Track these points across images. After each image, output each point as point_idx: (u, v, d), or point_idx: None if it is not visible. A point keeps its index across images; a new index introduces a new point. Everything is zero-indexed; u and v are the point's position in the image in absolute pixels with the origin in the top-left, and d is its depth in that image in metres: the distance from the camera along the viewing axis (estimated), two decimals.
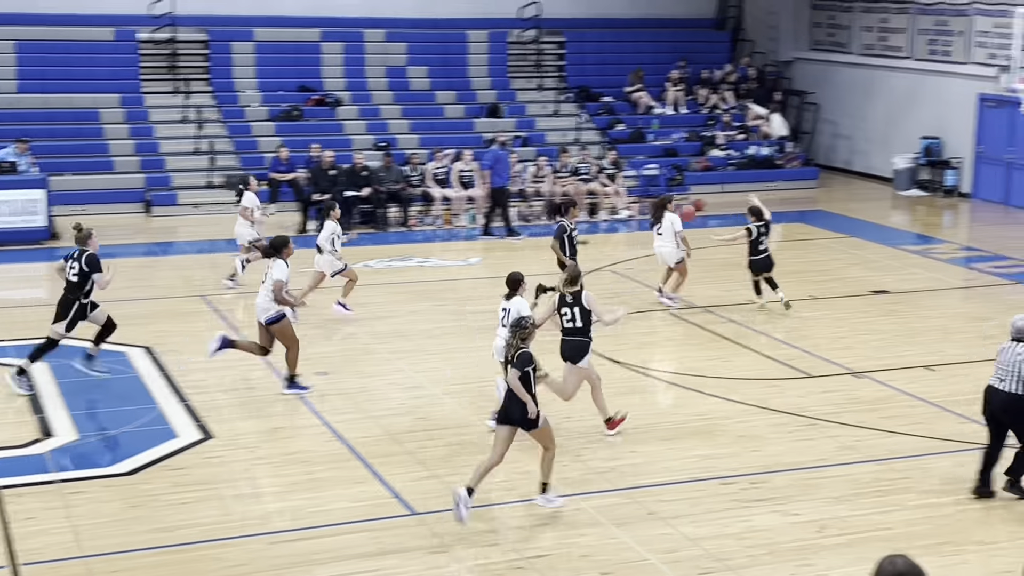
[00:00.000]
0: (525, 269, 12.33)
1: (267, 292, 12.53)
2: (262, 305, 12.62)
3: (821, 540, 9.44)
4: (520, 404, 9.65)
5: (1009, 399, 9.93)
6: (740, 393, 12.93)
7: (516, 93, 26.88)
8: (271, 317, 12.58)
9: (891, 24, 26.89)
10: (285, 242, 12.78)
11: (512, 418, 9.72)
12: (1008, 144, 24.22)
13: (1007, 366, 9.95)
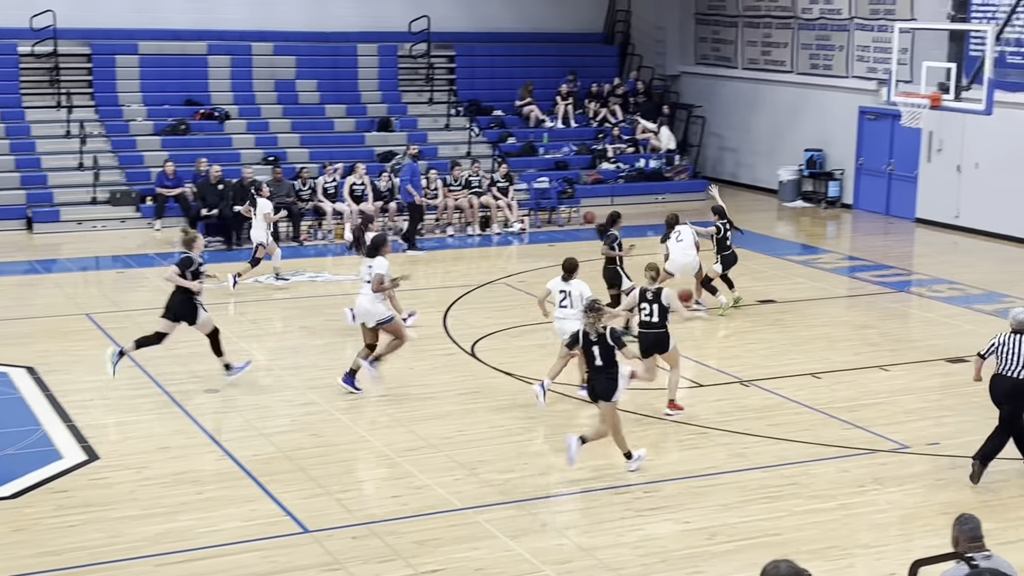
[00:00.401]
0: (422, 283, 12.31)
1: (369, 293, 13.05)
2: (370, 309, 13.12)
3: (712, 547, 9.57)
4: (603, 380, 10.75)
5: (1014, 385, 10.63)
6: (632, 403, 13.04)
7: (407, 107, 26.84)
8: (383, 319, 13.15)
9: (774, 39, 27.48)
10: (384, 240, 13.65)
11: (595, 393, 10.90)
12: (888, 156, 24.90)
13: (1010, 356, 10.63)
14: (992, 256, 21.00)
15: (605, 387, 10.80)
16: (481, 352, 15.05)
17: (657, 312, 12.44)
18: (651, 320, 12.49)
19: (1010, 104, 21.00)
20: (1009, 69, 21.70)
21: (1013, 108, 21.22)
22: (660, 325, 12.46)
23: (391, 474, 11.02)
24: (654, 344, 12.53)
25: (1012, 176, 21.97)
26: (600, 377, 10.83)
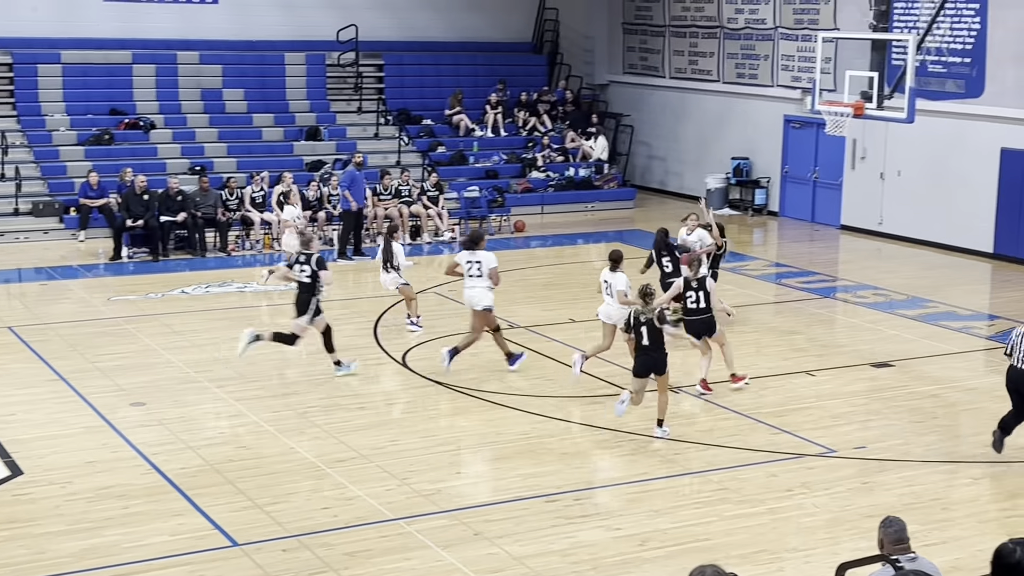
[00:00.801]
0: (354, 291, 12.25)
1: (484, 282, 14.25)
2: (479, 297, 14.26)
3: (643, 553, 9.61)
4: (655, 358, 12.11)
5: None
6: (564, 411, 13.09)
7: (336, 116, 26.72)
8: (488, 305, 14.27)
9: (700, 48, 27.75)
10: (483, 234, 14.94)
11: (647, 370, 12.22)
12: (813, 164, 25.24)
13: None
14: (915, 262, 21.36)
15: (656, 363, 12.20)
16: (412, 361, 15.01)
17: (703, 298, 13.58)
18: (698, 307, 13.61)
19: (931, 112, 21.39)
20: (930, 78, 22.12)
21: (934, 116, 21.62)
22: (707, 310, 13.61)
23: (321, 485, 10.94)
24: (703, 328, 13.73)
25: (933, 183, 22.38)
26: (648, 356, 12.18)
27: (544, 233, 24.28)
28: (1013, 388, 11.60)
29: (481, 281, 14.28)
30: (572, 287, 19.39)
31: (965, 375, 14.89)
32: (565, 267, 21.25)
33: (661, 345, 12.15)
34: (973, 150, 21.68)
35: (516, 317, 17.09)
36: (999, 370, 14.92)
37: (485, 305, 14.34)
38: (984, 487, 11.11)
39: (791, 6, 25.28)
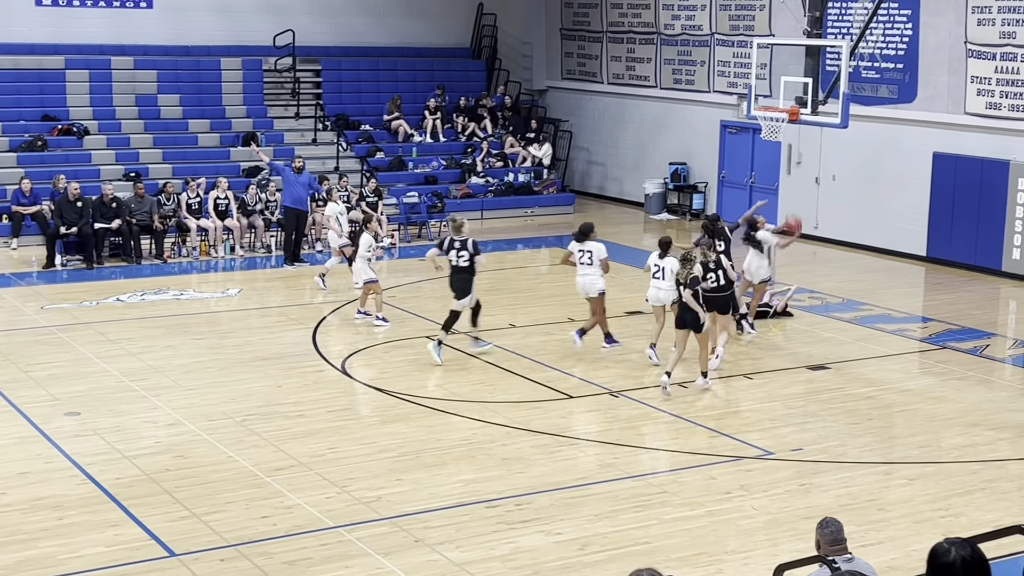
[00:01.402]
0: (292, 298, 12.16)
1: (596, 270, 15.32)
2: (591, 283, 15.36)
3: (583, 558, 9.63)
4: (692, 313, 13.70)
5: None
6: (504, 416, 13.09)
7: (273, 121, 26.55)
8: (601, 290, 15.32)
9: (638, 54, 27.92)
10: (592, 226, 15.78)
11: (686, 323, 13.80)
12: (749, 168, 25.48)
13: None
14: (850, 265, 21.62)
15: (693, 320, 13.79)
16: (352, 368, 14.94)
17: (723, 277, 14.59)
18: (718, 285, 14.53)
19: (865, 117, 21.68)
20: (864, 83, 22.43)
21: (868, 121, 21.92)
22: (726, 287, 14.66)
23: (260, 494, 10.85)
24: (723, 304, 14.69)
25: (867, 188, 22.68)
26: (688, 314, 13.78)
27: (484, 238, 24.18)
28: None
29: (592, 269, 15.39)
30: (512, 292, 19.42)
31: (900, 377, 15.10)
32: (505, 273, 21.27)
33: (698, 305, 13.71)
34: (906, 155, 22.01)
35: (457, 323, 17.03)
36: (933, 372, 15.18)
37: (599, 290, 15.40)
38: (919, 487, 11.26)
39: (727, 13, 25.51)
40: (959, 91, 21.15)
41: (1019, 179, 20.17)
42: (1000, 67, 20.45)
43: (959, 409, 13.64)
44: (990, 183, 20.62)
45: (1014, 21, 20.13)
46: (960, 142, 21.16)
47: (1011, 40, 20.18)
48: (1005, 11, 20.24)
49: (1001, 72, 20.45)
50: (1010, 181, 20.30)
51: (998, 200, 20.52)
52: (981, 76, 20.76)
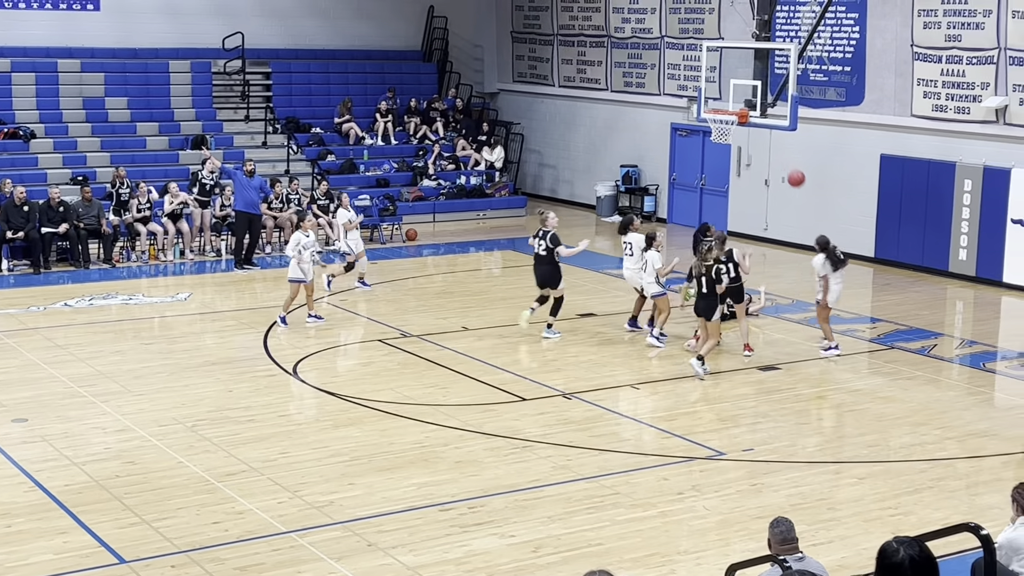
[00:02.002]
0: (245, 302, 12.08)
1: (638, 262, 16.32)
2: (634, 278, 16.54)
3: (537, 560, 9.64)
4: (708, 301, 14.67)
5: None
6: (457, 419, 13.08)
7: (223, 124, 26.37)
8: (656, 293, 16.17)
9: (589, 57, 28.00)
10: (632, 219, 16.97)
11: (699, 311, 14.82)
12: (700, 171, 25.64)
13: None
14: (799, 267, 21.75)
15: (707, 309, 14.69)
16: (303, 372, 14.86)
17: (733, 268, 15.51)
18: (729, 276, 15.36)
19: (813, 120, 21.88)
20: (812, 86, 22.63)
21: (816, 124, 22.12)
22: (736, 279, 15.53)
23: (211, 500, 10.77)
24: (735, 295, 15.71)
25: (816, 189, 22.87)
26: (703, 302, 14.73)
27: (436, 241, 24.27)
28: None
29: (633, 261, 16.38)
30: (465, 295, 19.41)
31: (849, 376, 15.24)
32: (458, 275, 21.26)
33: (712, 294, 14.65)
34: (854, 157, 22.23)
35: (409, 326, 17.03)
36: (882, 371, 15.34)
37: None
38: (868, 487, 11.36)
39: (677, 16, 25.65)
40: (906, 93, 21.40)
41: (965, 181, 20.44)
42: (946, 69, 20.71)
43: (907, 408, 13.79)
44: (937, 185, 20.87)
45: (959, 24, 20.40)
46: (907, 144, 21.41)
47: (956, 43, 20.45)
48: (951, 14, 20.50)
49: (947, 75, 20.71)
50: (956, 183, 20.56)
51: (944, 201, 20.77)
52: (927, 79, 21.02)
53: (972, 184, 20.36)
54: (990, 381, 15.20)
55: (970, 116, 20.45)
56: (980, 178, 20.24)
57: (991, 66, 20.02)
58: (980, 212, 20.24)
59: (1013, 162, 19.79)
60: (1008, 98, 19.84)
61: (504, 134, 29.13)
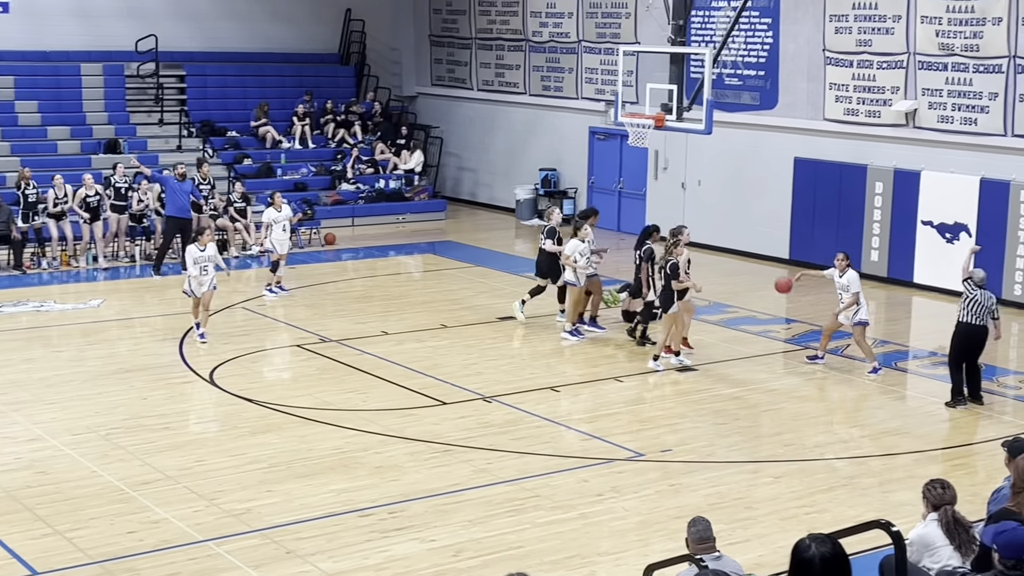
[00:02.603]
0: (156, 309, 11.90)
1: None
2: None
3: (457, 564, 9.62)
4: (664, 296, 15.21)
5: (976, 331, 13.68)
6: (377, 424, 13.02)
7: (136, 128, 25.96)
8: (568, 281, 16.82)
9: (507, 61, 28.06)
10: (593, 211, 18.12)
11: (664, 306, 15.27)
12: (618, 174, 25.81)
13: (974, 308, 13.68)
14: (715, 269, 22.00)
15: (665, 301, 15.17)
16: (220, 379, 14.69)
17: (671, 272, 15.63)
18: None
19: (728, 124, 22.13)
20: (727, 90, 22.90)
21: (731, 127, 22.38)
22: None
23: (126, 509, 10.59)
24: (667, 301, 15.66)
25: (732, 192, 23.15)
26: (663, 295, 15.20)
27: (355, 246, 24.13)
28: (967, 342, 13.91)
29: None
30: (385, 299, 19.32)
31: (765, 377, 15.43)
32: (377, 279, 21.17)
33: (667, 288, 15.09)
34: (768, 160, 22.53)
35: (328, 331, 16.91)
36: (797, 372, 15.56)
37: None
38: (784, 485, 11.52)
39: (594, 20, 25.80)
40: (818, 97, 21.74)
41: (876, 183, 20.81)
42: (857, 74, 21.08)
43: (822, 408, 14.00)
44: (849, 187, 21.23)
45: (870, 29, 20.77)
46: (820, 147, 21.76)
47: (867, 48, 20.83)
48: (861, 19, 20.88)
49: (858, 79, 21.08)
50: (868, 185, 20.93)
51: (856, 203, 21.13)
52: (839, 83, 21.38)
53: (883, 186, 20.74)
54: (902, 380, 15.49)
55: (881, 120, 20.84)
56: (891, 181, 20.63)
57: (901, 70, 20.43)
58: (891, 214, 20.62)
59: (923, 165, 20.20)
60: (917, 102, 20.25)
61: (423, 138, 29.07)
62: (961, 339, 13.86)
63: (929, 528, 7.52)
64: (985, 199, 19.29)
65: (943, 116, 19.97)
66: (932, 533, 7.48)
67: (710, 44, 22.10)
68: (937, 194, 19.88)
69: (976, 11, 19.21)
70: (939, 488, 7.57)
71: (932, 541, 7.46)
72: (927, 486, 7.77)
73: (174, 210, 20.94)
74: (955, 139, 19.78)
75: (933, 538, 7.46)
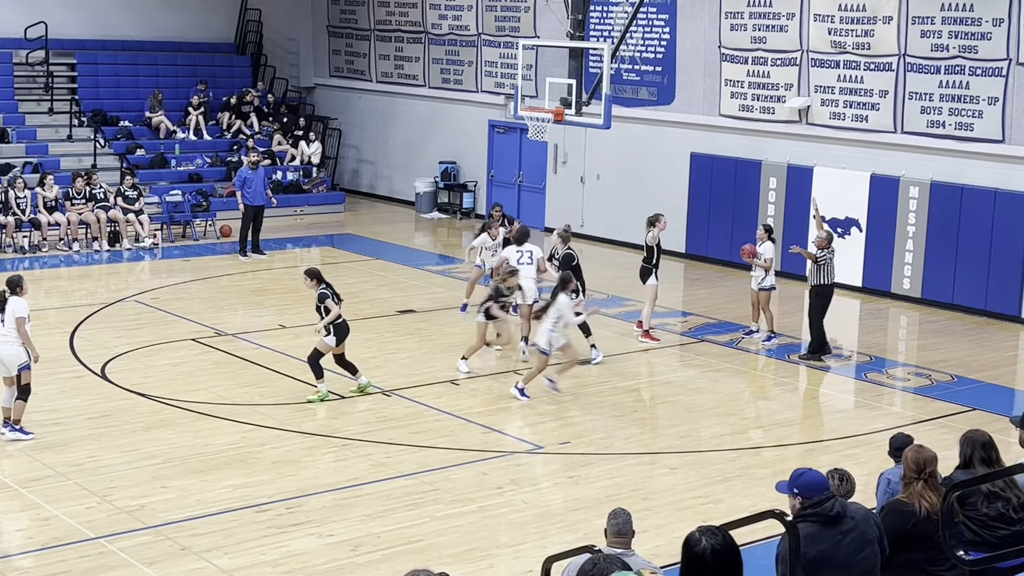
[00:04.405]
0: (44, 302, 11.59)
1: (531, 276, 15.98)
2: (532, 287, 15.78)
3: (356, 559, 9.57)
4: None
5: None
6: (274, 419, 12.88)
7: (25, 117, 25.31)
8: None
9: (406, 53, 27.93)
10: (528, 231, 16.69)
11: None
12: (517, 168, 25.86)
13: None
14: (613, 262, 22.18)
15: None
16: (112, 373, 14.40)
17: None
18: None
19: (626, 119, 22.32)
20: (625, 85, 23.08)
21: (629, 122, 22.57)
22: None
23: (14, 507, 10.35)
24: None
25: (630, 186, 23.35)
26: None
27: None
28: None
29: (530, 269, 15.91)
30: (282, 293, 19.11)
31: (662, 369, 15.61)
32: (274, 272, 20.92)
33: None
34: (666, 155, 22.77)
35: (224, 324, 16.68)
36: (693, 364, 15.77)
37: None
38: (680, 476, 11.66)
39: (493, 13, 25.80)
40: (714, 94, 22.03)
41: (770, 178, 21.16)
42: (752, 71, 21.41)
43: (717, 399, 14.21)
44: (744, 182, 21.56)
45: (764, 27, 21.10)
46: (716, 143, 22.05)
47: (762, 45, 21.16)
48: (756, 17, 21.20)
49: (753, 76, 21.41)
50: (762, 180, 21.27)
51: (751, 199, 21.46)
52: (734, 79, 21.69)
53: (777, 182, 21.10)
54: (794, 372, 15.78)
55: (775, 116, 21.19)
56: (784, 176, 20.99)
57: (794, 67, 20.79)
58: (785, 209, 20.99)
59: (815, 160, 20.59)
60: (810, 99, 20.63)
61: (321, 129, 28.82)
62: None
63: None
64: (875, 195, 19.73)
65: (835, 113, 20.38)
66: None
67: (608, 39, 22.25)
68: (829, 189, 20.28)
69: (867, 10, 19.63)
70: (836, 479, 7.61)
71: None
72: (827, 475, 7.87)
73: (251, 197, 21.57)
74: (847, 135, 20.20)
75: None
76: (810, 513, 6.10)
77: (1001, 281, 18.41)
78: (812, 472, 6.27)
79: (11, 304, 11.87)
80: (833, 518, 6.08)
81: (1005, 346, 17.11)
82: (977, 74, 18.47)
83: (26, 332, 11.88)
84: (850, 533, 6.12)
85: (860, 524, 6.19)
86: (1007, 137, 18.29)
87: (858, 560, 6.11)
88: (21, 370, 11.89)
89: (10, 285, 12.05)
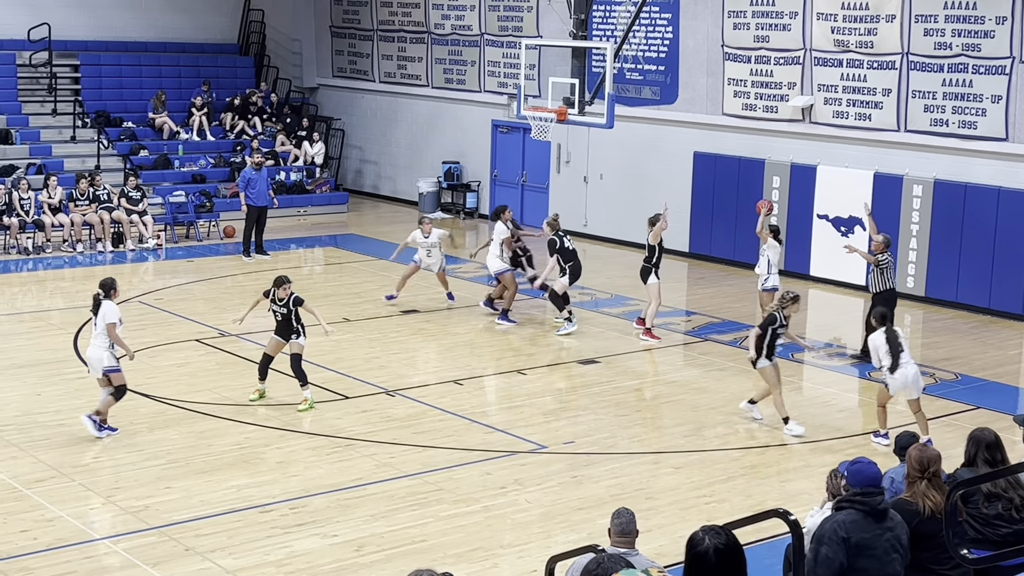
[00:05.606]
0: (47, 303, 11.60)
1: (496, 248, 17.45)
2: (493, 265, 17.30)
3: (360, 559, 9.58)
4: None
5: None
6: (278, 419, 12.89)
7: (29, 118, 25.33)
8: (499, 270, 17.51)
9: (409, 53, 27.94)
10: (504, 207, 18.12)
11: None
12: (520, 167, 25.86)
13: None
14: (617, 262, 22.18)
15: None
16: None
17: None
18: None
19: (629, 118, 22.31)
20: (628, 85, 23.08)
21: (632, 122, 22.56)
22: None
23: (18, 507, 10.35)
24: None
25: (633, 186, 23.34)
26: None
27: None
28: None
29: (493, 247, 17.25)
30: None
31: (666, 369, 15.61)
32: (278, 273, 20.89)
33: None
34: (668, 154, 22.76)
35: (227, 325, 16.68)
36: (697, 363, 15.78)
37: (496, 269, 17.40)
38: (684, 476, 11.66)
39: (496, 13, 25.80)
40: (717, 93, 22.02)
41: (773, 177, 21.15)
42: (755, 70, 21.39)
43: (720, 399, 14.20)
44: (747, 181, 21.54)
45: (767, 25, 21.09)
46: (719, 142, 22.03)
47: (765, 43, 21.14)
48: (759, 15, 21.18)
49: (756, 75, 21.39)
50: (765, 179, 21.25)
51: (754, 198, 21.38)
52: (737, 78, 21.67)
53: (780, 180, 21.09)
54: (798, 371, 15.78)
55: (778, 115, 21.17)
56: (788, 175, 20.97)
57: (797, 66, 20.78)
58: (788, 208, 20.97)
59: (818, 159, 20.57)
60: (813, 97, 20.62)
61: (324, 130, 28.82)
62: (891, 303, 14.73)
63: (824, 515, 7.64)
64: (879, 193, 19.71)
65: (838, 111, 20.36)
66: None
67: (611, 39, 22.24)
68: (832, 188, 20.26)
69: (870, 8, 19.62)
70: (841, 478, 7.63)
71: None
72: (829, 476, 7.90)
73: (255, 198, 21.66)
74: (850, 134, 20.19)
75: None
76: (858, 501, 6.36)
77: (1005, 279, 18.39)
78: (870, 465, 6.50)
79: (103, 308, 12.21)
80: (879, 512, 6.35)
81: (1009, 344, 17.09)
82: (980, 72, 18.45)
83: (117, 335, 12.19)
84: (889, 532, 6.37)
85: (897, 528, 6.44)
86: (1011, 135, 18.28)
87: (890, 560, 6.36)
88: (107, 373, 12.17)
89: (104, 288, 12.40)
